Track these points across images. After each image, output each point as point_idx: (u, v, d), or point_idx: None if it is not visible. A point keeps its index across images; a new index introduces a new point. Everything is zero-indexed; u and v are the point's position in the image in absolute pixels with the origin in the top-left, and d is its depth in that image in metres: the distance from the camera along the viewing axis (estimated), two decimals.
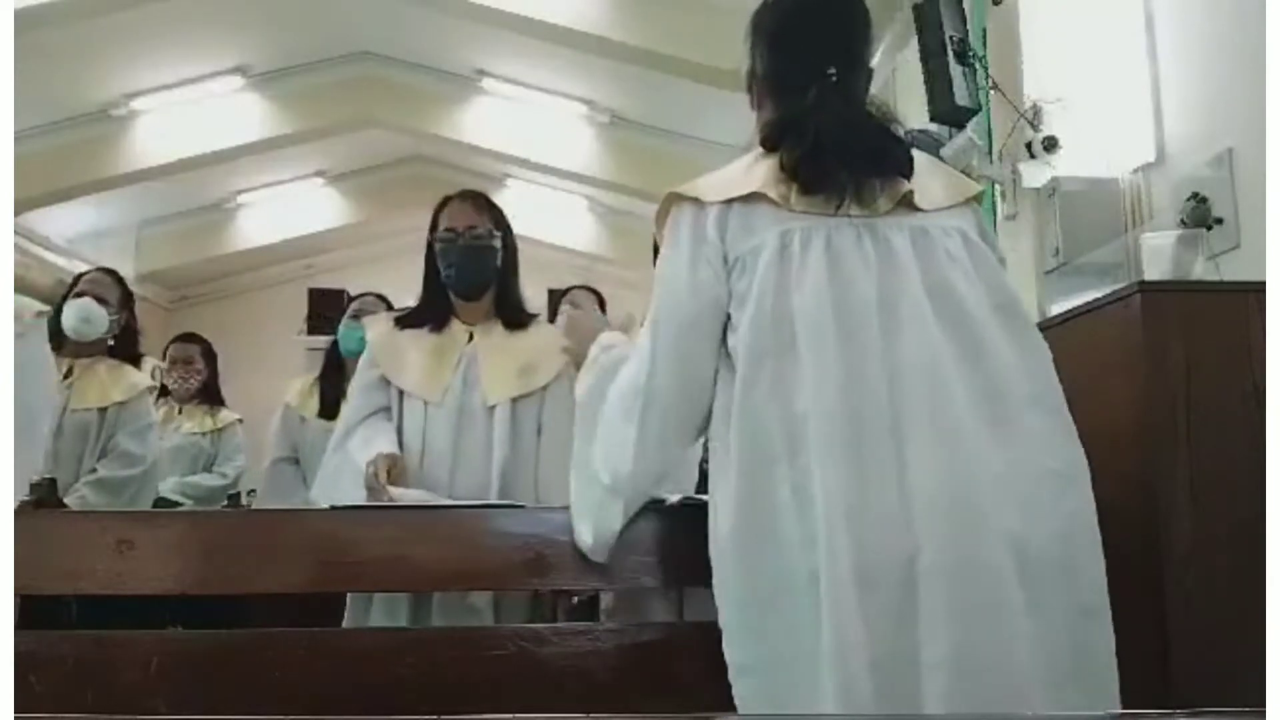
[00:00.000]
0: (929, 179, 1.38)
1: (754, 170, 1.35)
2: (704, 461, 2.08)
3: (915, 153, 1.40)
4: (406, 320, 2.19)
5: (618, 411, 1.40)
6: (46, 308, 2.58)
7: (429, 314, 2.17)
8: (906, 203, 1.33)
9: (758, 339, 1.28)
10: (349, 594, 2.00)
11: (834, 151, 1.31)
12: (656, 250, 2.33)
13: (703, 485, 2.07)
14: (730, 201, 1.33)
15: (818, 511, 1.20)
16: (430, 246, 2.17)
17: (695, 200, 1.36)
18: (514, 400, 2.11)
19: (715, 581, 1.36)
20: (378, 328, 2.22)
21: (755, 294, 1.29)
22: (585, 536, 1.53)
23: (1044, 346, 1.34)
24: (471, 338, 2.15)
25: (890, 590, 1.18)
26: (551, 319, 3.33)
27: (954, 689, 1.15)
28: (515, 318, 2.19)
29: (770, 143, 1.37)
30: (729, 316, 1.33)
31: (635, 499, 1.45)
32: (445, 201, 2.20)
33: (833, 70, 1.36)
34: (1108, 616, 1.29)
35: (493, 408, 2.09)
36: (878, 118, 1.40)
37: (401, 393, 2.12)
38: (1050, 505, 1.25)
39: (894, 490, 1.20)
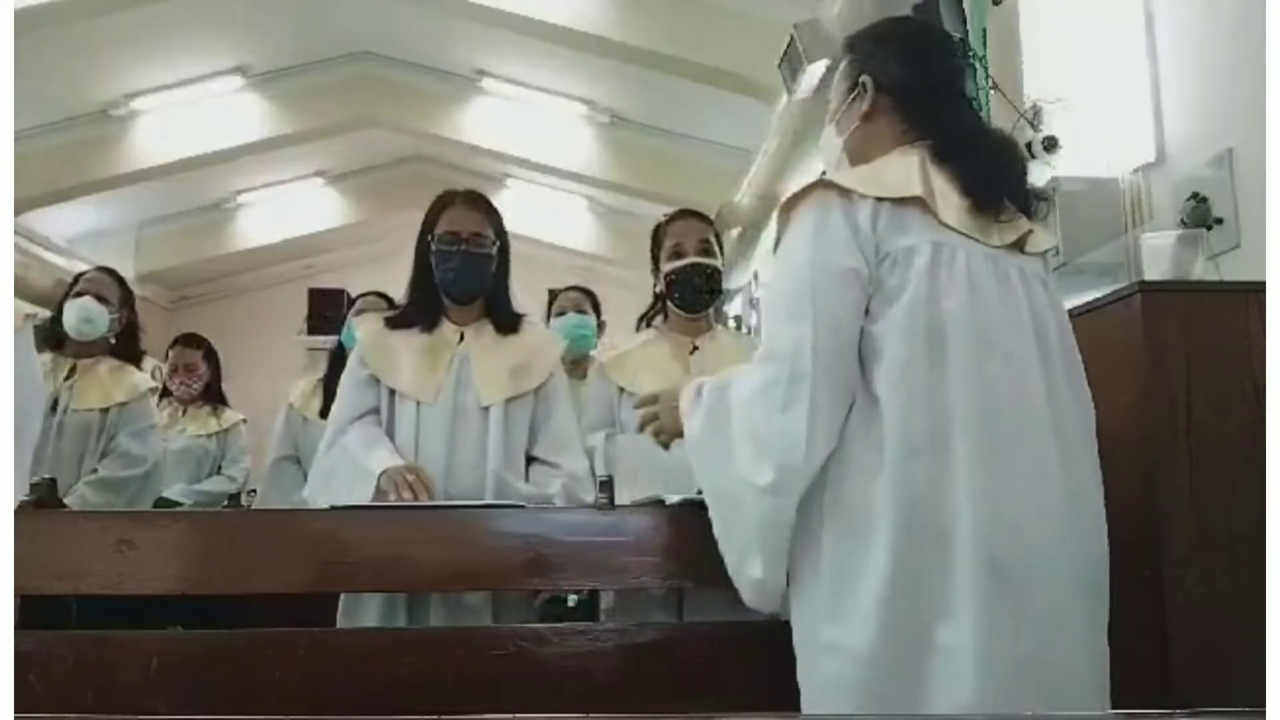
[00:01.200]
0: (1036, 226, 1.47)
1: (907, 174, 1.40)
2: None
3: None
4: (396, 320, 2.16)
5: (769, 406, 1.34)
6: (36, 310, 2.58)
7: (419, 314, 2.14)
8: (1018, 243, 1.43)
9: (911, 336, 1.32)
10: (342, 594, 1.99)
11: (1003, 173, 1.44)
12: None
13: None
14: (883, 200, 1.37)
15: (958, 507, 1.28)
16: (424, 244, 2.13)
17: (845, 191, 1.38)
18: (507, 401, 2.09)
19: (822, 565, 1.37)
20: (367, 327, 2.19)
21: (910, 292, 1.34)
22: (755, 570, 1.37)
23: (1088, 394, 1.45)
24: (462, 338, 2.13)
25: (1007, 586, 1.27)
26: (549, 319, 3.35)
27: (1033, 686, 1.26)
28: (507, 320, 2.17)
29: (944, 153, 1.43)
30: (868, 307, 1.36)
31: (798, 494, 1.34)
32: (445, 202, 2.16)
33: (970, 95, 1.49)
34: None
35: (487, 408, 2.07)
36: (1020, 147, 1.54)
37: (393, 393, 2.09)
38: (1091, 532, 1.39)
39: (1012, 498, 1.30)
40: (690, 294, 2.30)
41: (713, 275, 2.31)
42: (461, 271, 2.10)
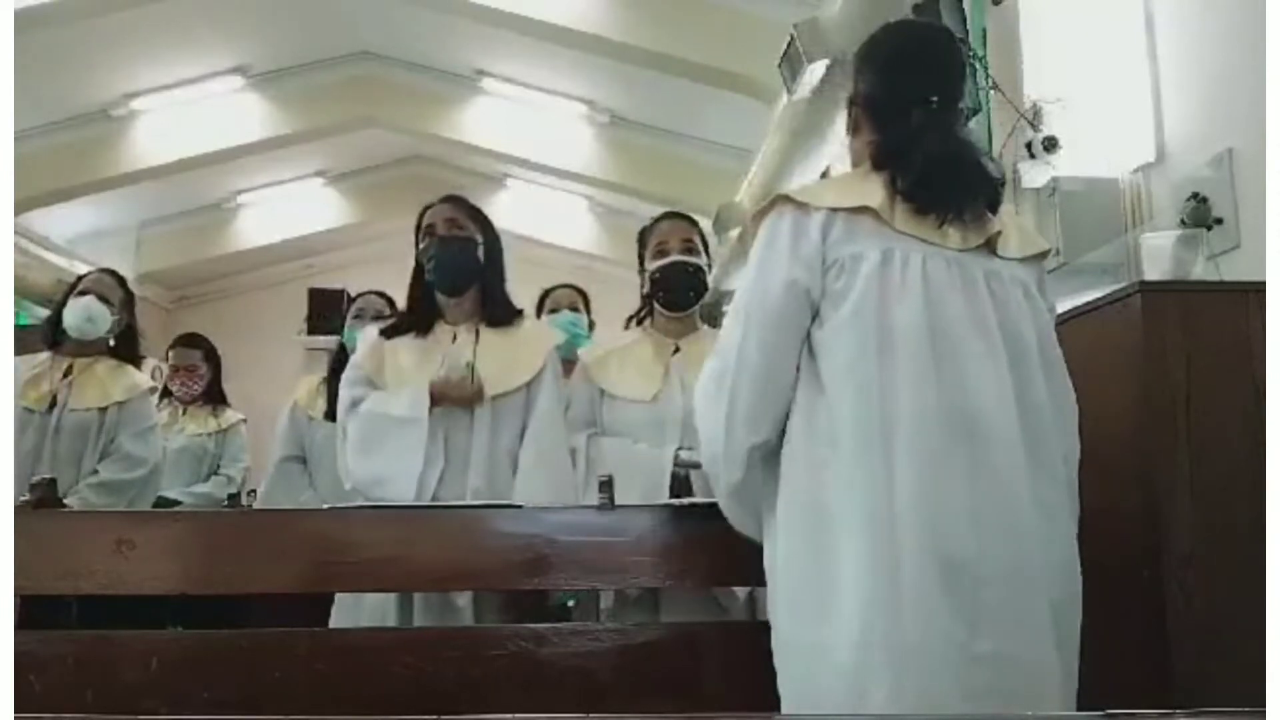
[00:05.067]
0: (1011, 230, 1.49)
1: (862, 185, 1.45)
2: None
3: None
4: (390, 330, 2.20)
5: (705, 395, 1.49)
6: None
7: (413, 320, 2.18)
8: (988, 245, 1.44)
9: (859, 338, 1.36)
10: (336, 595, 1.99)
11: (940, 177, 1.43)
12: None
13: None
14: (837, 210, 1.41)
15: (899, 505, 1.30)
16: (417, 253, 2.19)
17: (801, 205, 1.44)
18: (494, 399, 2.09)
19: (776, 561, 1.41)
20: (364, 340, 2.23)
21: (856, 296, 1.38)
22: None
23: (1074, 404, 1.47)
24: (455, 338, 2.15)
25: (960, 584, 1.29)
26: (540, 317, 3.33)
27: (994, 684, 1.27)
28: (500, 315, 2.19)
29: (879, 163, 1.47)
30: (817, 312, 1.41)
31: (730, 474, 1.46)
32: (425, 208, 2.23)
33: (934, 98, 1.47)
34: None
35: (473, 411, 2.08)
36: (976, 147, 1.52)
37: None
38: (1062, 540, 1.40)
39: (967, 497, 1.31)
40: (675, 292, 2.27)
41: (696, 273, 2.28)
42: (442, 259, 2.14)
